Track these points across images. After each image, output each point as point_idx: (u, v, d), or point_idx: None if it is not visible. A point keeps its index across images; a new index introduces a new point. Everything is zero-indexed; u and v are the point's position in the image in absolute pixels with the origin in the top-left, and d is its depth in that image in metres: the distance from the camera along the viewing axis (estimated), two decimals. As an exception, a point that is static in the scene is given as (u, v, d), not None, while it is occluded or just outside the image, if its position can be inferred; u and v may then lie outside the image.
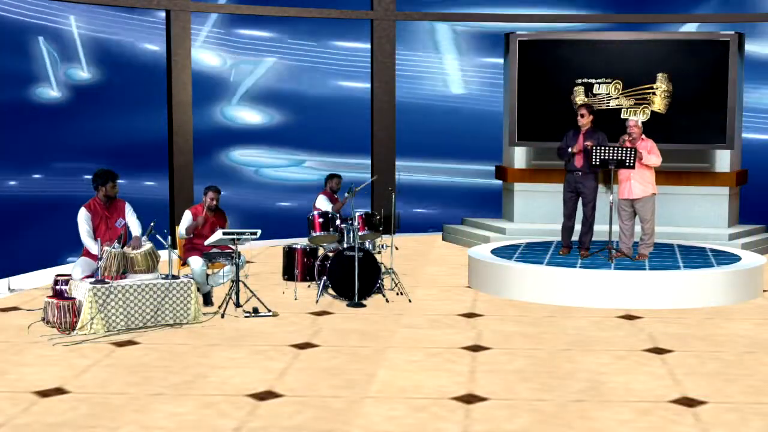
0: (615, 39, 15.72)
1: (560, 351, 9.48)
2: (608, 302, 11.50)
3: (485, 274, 12.46)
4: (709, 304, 11.59)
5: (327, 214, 12.27)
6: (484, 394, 8.08)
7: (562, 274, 11.82)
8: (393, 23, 17.08)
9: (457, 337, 10.04)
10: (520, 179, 16.02)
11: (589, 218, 12.81)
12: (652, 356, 9.33)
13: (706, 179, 15.64)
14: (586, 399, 7.97)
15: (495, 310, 11.39)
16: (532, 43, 15.73)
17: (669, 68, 15.35)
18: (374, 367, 8.87)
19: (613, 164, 12.23)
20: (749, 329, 10.47)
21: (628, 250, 12.62)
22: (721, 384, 8.41)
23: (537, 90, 15.71)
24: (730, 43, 15.25)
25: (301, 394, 8.05)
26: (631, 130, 12.44)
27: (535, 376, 8.60)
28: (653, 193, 12.53)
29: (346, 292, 11.56)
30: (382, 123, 17.21)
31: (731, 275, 11.93)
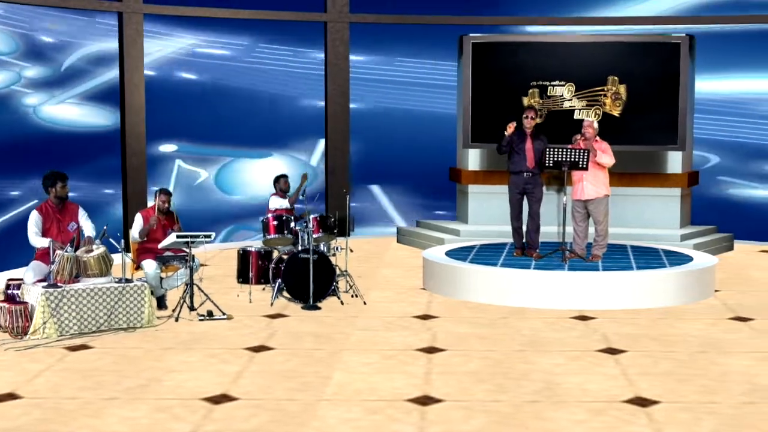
0: (568, 41, 15.80)
1: (515, 352, 9.52)
2: (562, 303, 11.55)
3: (440, 275, 12.48)
4: (661, 305, 11.67)
5: (281, 217, 12.25)
6: (439, 395, 8.09)
7: (517, 275, 11.86)
8: (346, 25, 17.07)
9: (412, 339, 10.05)
10: (474, 181, 16.06)
11: (538, 218, 12.88)
12: (606, 356, 9.39)
13: (658, 180, 15.76)
14: (541, 400, 8.00)
15: (450, 311, 11.41)
16: (485, 45, 15.78)
17: (621, 70, 15.45)
18: (329, 369, 8.86)
19: (566, 166, 12.30)
20: (701, 329, 10.56)
21: (582, 251, 12.69)
22: (673, 384, 8.47)
23: (490, 92, 15.76)
24: (681, 45, 15.37)
25: (257, 398, 8.03)
26: (585, 130, 12.51)
27: (490, 378, 8.62)
28: (606, 195, 12.61)
29: (301, 294, 11.54)
30: (336, 125, 17.19)
31: (683, 276, 12.03)
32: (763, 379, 8.59)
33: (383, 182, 17.68)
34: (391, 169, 17.57)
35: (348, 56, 17.16)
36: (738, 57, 17.09)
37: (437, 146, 17.28)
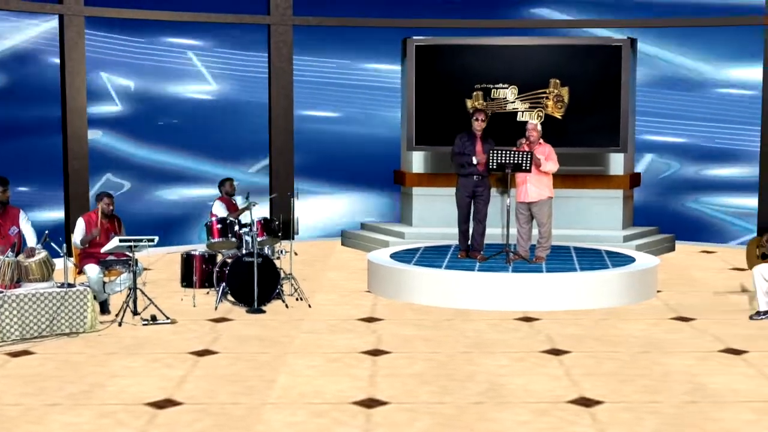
0: (511, 44, 15.88)
1: (459, 354, 9.55)
2: (506, 305, 11.60)
3: (384, 278, 12.49)
4: (605, 305, 11.76)
5: (225, 220, 12.21)
6: (384, 398, 8.10)
7: (461, 277, 11.90)
8: (290, 28, 17.04)
9: (356, 341, 10.05)
10: (418, 183, 16.11)
11: (484, 221, 12.93)
12: (550, 357, 9.44)
13: (600, 182, 15.88)
14: (486, 401, 8.03)
15: (394, 314, 11.42)
16: (429, 48, 15.83)
17: (563, 73, 15.56)
18: (274, 373, 8.83)
19: (510, 168, 12.36)
20: (644, 329, 10.66)
21: (526, 253, 12.75)
22: (616, 384, 8.54)
23: (434, 95, 15.80)
24: (622, 47, 15.51)
25: (201, 402, 7.99)
26: (529, 133, 12.57)
27: (434, 379, 8.64)
28: (550, 197, 12.68)
29: (246, 298, 11.50)
30: (279, 128, 17.16)
31: (626, 276, 12.13)
32: (704, 379, 8.69)
33: (328, 185, 17.65)
34: (335, 171, 17.56)
35: (291, 59, 17.13)
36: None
37: (381, 149, 17.30)
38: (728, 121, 17.31)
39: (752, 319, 11.10)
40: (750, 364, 9.21)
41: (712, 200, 17.53)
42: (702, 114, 17.44)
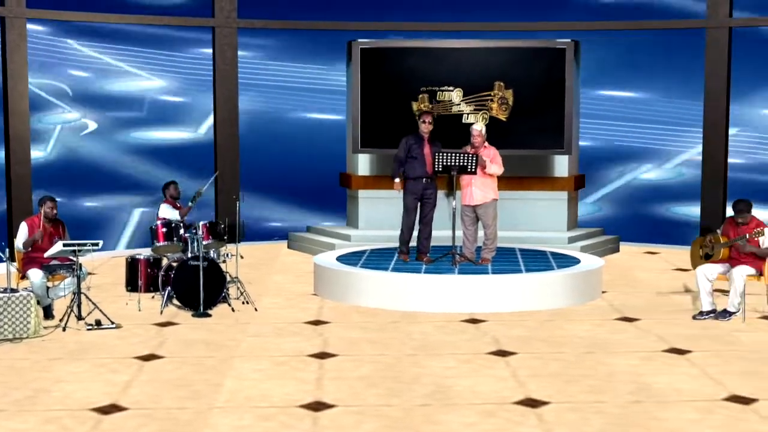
0: (456, 47, 15.93)
1: (406, 356, 9.56)
2: (453, 306, 11.63)
3: (331, 281, 12.48)
4: (550, 306, 11.83)
5: (170, 224, 12.14)
6: (331, 401, 8.09)
7: (407, 279, 11.92)
8: (234, 31, 16.98)
9: (303, 344, 10.04)
10: (364, 186, 16.11)
11: (431, 224, 12.95)
12: (496, 359, 9.48)
13: (545, 184, 15.98)
14: (432, 403, 8.05)
15: (341, 316, 11.42)
16: (374, 51, 15.84)
17: (508, 75, 15.63)
18: (220, 377, 8.80)
19: (455, 170, 12.39)
20: (589, 330, 10.74)
21: (471, 255, 12.80)
22: (562, 384, 8.59)
23: (380, 97, 15.81)
24: (566, 50, 15.61)
25: (147, 407, 7.94)
26: (474, 140, 12.61)
27: (381, 382, 8.65)
28: (495, 199, 12.73)
29: (191, 302, 11.44)
30: (225, 131, 17.09)
31: (571, 278, 12.21)
32: (648, 379, 8.77)
33: (273, 188, 17.59)
34: (281, 174, 17.50)
35: (236, 61, 17.07)
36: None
37: (327, 151, 17.28)
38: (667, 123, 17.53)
39: (695, 319, 11.22)
40: (693, 364, 9.30)
41: (656, 202, 17.70)
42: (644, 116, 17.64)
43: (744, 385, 8.58)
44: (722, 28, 16.33)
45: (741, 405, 8.02)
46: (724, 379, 8.76)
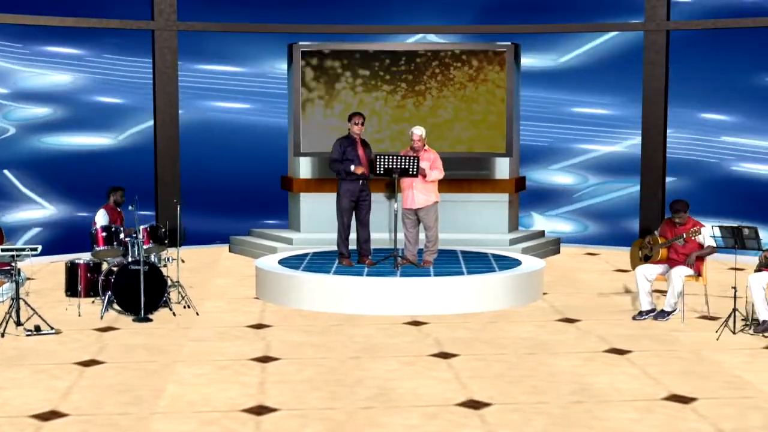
0: (396, 49, 15.95)
1: (349, 359, 9.56)
2: (395, 309, 11.65)
3: (273, 284, 12.45)
4: (492, 308, 11.88)
5: (110, 228, 12.05)
6: (274, 405, 8.07)
7: (349, 282, 11.92)
8: (174, 34, 16.87)
9: (245, 348, 10.00)
10: (306, 189, 16.08)
11: (368, 225, 12.96)
12: (439, 361, 9.51)
13: (486, 186, 16.04)
14: (375, 405, 8.06)
15: (283, 320, 11.39)
16: (315, 53, 15.81)
17: (448, 78, 15.67)
18: (162, 382, 8.74)
19: (397, 173, 12.41)
20: (531, 331, 10.80)
21: (413, 257, 12.83)
22: (504, 385, 8.64)
23: (320, 100, 15.78)
24: (506, 53, 15.69)
25: (87, 413, 7.87)
26: (415, 143, 12.63)
27: (324, 385, 8.64)
28: (436, 201, 12.77)
29: (132, 306, 11.36)
30: (165, 134, 16.98)
31: (512, 279, 12.27)
32: (589, 379, 8.84)
33: (214, 191, 17.49)
34: (222, 177, 17.41)
35: (176, 65, 16.96)
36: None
37: (269, 154, 17.23)
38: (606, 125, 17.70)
39: (635, 319, 11.32)
40: (633, 364, 9.39)
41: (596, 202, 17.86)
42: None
43: (683, 384, 8.68)
44: (660, 32, 16.50)
45: (680, 404, 8.11)
46: (663, 379, 8.85)
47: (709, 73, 16.90)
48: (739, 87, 16.75)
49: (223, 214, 17.79)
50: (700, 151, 17.20)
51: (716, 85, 16.89)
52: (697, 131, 17.24)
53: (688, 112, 17.15)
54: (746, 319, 10.87)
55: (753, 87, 16.71)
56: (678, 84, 16.75)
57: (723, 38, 16.59)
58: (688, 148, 17.26)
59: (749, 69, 16.69)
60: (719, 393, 8.45)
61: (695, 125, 17.22)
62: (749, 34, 16.35)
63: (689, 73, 16.85)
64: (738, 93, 16.78)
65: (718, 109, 17.09)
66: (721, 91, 16.91)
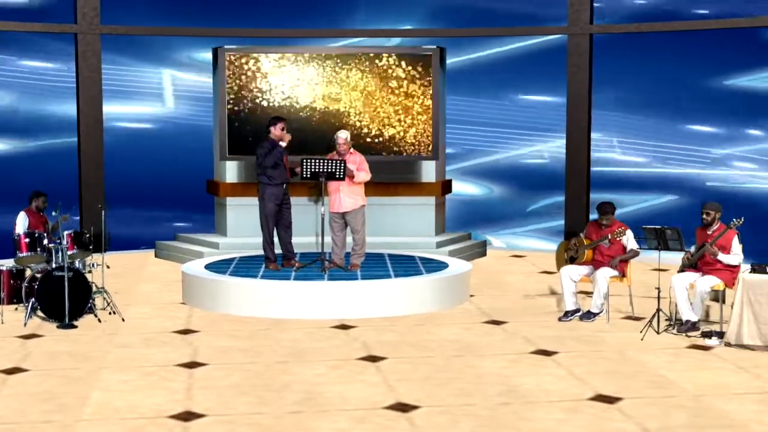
0: (323, 53, 15.94)
1: (276, 363, 9.53)
2: (323, 313, 11.64)
3: (200, 289, 12.38)
4: (419, 311, 11.91)
5: (34, 234, 11.90)
6: (201, 410, 8.02)
7: (276, 286, 11.89)
8: (98, 37, 16.70)
9: (172, 354, 9.93)
10: (232, 193, 16.01)
11: (291, 226, 12.94)
12: (367, 364, 9.51)
13: (413, 189, 16.09)
14: (303, 410, 8.04)
15: (210, 325, 11.33)
16: (240, 57, 15.73)
17: (375, 81, 15.69)
18: (87, 389, 8.65)
19: (323, 176, 12.41)
20: (458, 333, 10.85)
21: (341, 261, 12.82)
22: (432, 388, 8.66)
23: (246, 104, 15.71)
24: (432, 56, 15.75)
25: (11, 421, 7.76)
26: (340, 147, 12.64)
27: (252, 390, 8.61)
28: (363, 205, 12.78)
29: (56, 313, 11.22)
30: (89, 138, 16.79)
31: (439, 282, 12.32)
32: (516, 380, 8.90)
33: (140, 195, 17.34)
34: (148, 182, 17.26)
35: (100, 68, 16.78)
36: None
37: (194, 159, 17.12)
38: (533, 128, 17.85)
39: (561, 320, 11.42)
40: (559, 365, 9.47)
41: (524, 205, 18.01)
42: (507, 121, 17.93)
43: (608, 384, 8.77)
44: (583, 35, 16.66)
45: (606, 404, 8.19)
46: (589, 379, 8.94)
47: (632, 75, 17.12)
48: (664, 89, 16.98)
49: (149, 219, 17.65)
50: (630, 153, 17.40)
51: (639, 87, 17.12)
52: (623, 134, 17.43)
53: (610, 115, 17.33)
54: (670, 319, 11.01)
55: (678, 89, 16.95)
56: (601, 87, 16.94)
57: (646, 41, 16.80)
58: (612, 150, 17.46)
59: (674, 71, 16.95)
60: (644, 392, 8.56)
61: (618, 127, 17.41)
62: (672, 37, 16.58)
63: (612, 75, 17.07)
64: (661, 95, 17.01)
65: (640, 111, 17.30)
66: (643, 94, 17.12)
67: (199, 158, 16.90)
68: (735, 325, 10.13)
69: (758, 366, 9.41)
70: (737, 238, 10.76)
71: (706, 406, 8.14)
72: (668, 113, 16.98)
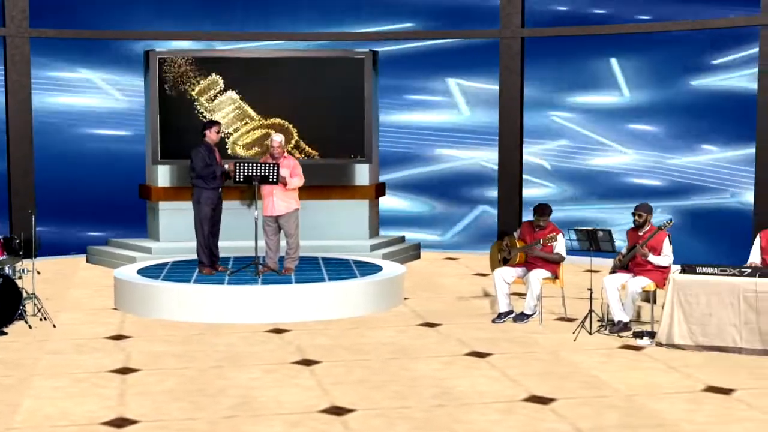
0: (254, 56, 15.89)
1: (211, 368, 9.49)
2: (257, 317, 11.60)
3: (132, 294, 12.28)
4: (354, 314, 11.92)
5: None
6: (134, 416, 7.96)
7: (210, 291, 11.83)
8: (26, 40, 16.49)
9: (104, 360, 9.84)
10: (165, 198, 15.90)
11: (218, 232, 12.91)
12: (301, 368, 9.50)
13: (346, 193, 16.10)
14: (238, 414, 8.01)
15: (143, 330, 11.24)
16: (172, 60, 15.63)
17: (308, 84, 15.67)
18: (18, 396, 8.54)
19: (257, 180, 12.37)
20: (392, 336, 10.86)
21: (275, 265, 12.79)
22: (367, 391, 8.67)
23: (178, 107, 15.61)
24: (364, 60, 15.76)
25: (-60, 431, 7.66)
26: (274, 150, 12.61)
27: (186, 395, 8.56)
28: (297, 209, 12.76)
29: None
30: (18, 143, 16.58)
31: (373, 285, 12.33)
32: (450, 383, 8.93)
33: (71, 200, 17.16)
34: (79, 186, 17.09)
35: (29, 72, 16.58)
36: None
37: (126, 163, 16.99)
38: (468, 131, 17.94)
39: (494, 322, 11.49)
40: (494, 366, 9.53)
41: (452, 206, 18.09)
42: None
43: (542, 385, 8.84)
44: (515, 38, 16.76)
45: (539, 405, 8.26)
46: (523, 380, 9.00)
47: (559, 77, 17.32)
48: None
49: (80, 224, 17.48)
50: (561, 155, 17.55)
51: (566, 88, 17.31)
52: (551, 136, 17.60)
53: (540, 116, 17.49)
54: (602, 320, 11.12)
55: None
56: (532, 89, 17.08)
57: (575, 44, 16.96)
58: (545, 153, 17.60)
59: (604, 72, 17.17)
60: (577, 393, 8.63)
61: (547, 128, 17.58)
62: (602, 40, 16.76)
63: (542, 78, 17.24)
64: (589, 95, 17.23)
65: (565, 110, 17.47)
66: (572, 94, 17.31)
67: (132, 162, 16.76)
68: (666, 325, 10.26)
69: (688, 366, 9.54)
70: (668, 239, 10.90)
71: (638, 406, 8.24)
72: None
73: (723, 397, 8.49)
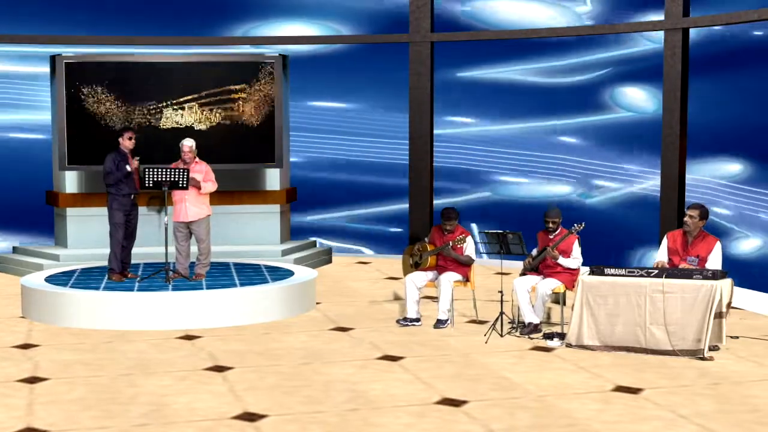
0: (164, 61, 15.77)
1: (121, 376, 9.39)
2: (167, 324, 11.51)
3: (40, 302, 12.10)
4: (266, 319, 11.89)
5: None
6: (44, 426, 7.85)
7: (120, 298, 11.71)
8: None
9: (12, 369, 9.68)
10: (73, 204, 15.70)
11: (134, 237, 12.81)
12: (213, 374, 9.45)
13: (257, 198, 16.05)
14: (150, 422, 7.94)
15: (52, 339, 11.09)
16: (79, 65, 15.45)
17: (216, 88, 15.59)
18: (-77, 408, 8.38)
19: (167, 185, 12.28)
20: (305, 341, 10.85)
21: (185, 271, 12.71)
22: (280, 396, 8.65)
23: (86, 113, 15.43)
24: (275, 64, 15.73)
25: None
26: (185, 155, 12.53)
27: (96, 404, 8.46)
28: (208, 214, 12.69)
29: None
30: None
31: (285, 290, 12.31)
32: (363, 386, 8.95)
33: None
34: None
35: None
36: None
37: (32, 169, 16.75)
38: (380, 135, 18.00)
39: (399, 323, 11.54)
40: (406, 370, 9.56)
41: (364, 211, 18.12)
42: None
43: (454, 387, 8.89)
44: (424, 43, 16.85)
45: (452, 407, 8.31)
46: (435, 383, 9.05)
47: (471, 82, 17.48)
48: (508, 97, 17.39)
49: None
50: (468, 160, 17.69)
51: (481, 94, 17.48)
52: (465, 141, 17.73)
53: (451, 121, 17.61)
54: (513, 322, 11.23)
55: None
56: (442, 93, 17.20)
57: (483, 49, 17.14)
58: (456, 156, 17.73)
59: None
60: (489, 395, 8.70)
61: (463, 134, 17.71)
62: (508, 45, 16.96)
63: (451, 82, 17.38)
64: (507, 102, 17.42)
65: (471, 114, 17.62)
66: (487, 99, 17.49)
67: (38, 168, 16.54)
68: (575, 326, 10.39)
69: (598, 366, 9.67)
70: (578, 242, 11.04)
71: (549, 406, 8.33)
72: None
73: (631, 396, 8.63)
